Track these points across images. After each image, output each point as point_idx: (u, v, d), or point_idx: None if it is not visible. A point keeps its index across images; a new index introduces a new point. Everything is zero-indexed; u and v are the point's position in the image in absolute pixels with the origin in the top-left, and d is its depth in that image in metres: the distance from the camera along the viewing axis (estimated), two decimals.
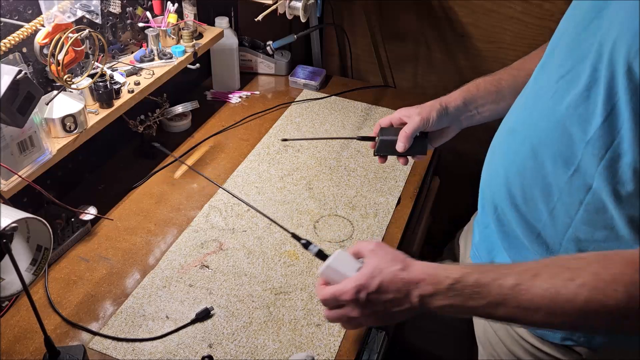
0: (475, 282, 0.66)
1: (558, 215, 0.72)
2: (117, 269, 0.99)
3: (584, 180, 0.68)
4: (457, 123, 0.94)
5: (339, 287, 0.72)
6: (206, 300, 0.93)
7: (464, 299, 0.66)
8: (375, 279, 0.70)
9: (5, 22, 0.88)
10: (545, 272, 0.63)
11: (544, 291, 0.62)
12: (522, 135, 0.76)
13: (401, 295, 0.69)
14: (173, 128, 1.35)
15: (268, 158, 1.28)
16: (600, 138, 0.64)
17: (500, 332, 0.90)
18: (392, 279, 0.70)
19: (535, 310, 0.63)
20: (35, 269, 0.78)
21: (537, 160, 0.73)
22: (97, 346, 0.86)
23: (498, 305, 0.64)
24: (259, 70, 1.61)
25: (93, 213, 1.04)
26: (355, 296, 0.70)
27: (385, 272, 0.70)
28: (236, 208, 1.13)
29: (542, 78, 0.77)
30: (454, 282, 0.67)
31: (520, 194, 0.77)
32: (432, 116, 0.91)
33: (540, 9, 1.45)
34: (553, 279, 0.63)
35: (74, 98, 0.97)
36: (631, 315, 0.60)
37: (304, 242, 0.79)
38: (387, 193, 1.19)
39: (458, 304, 0.67)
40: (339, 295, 0.71)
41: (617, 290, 0.60)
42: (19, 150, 0.87)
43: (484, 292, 0.65)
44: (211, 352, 0.85)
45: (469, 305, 0.66)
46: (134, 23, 1.19)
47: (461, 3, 1.54)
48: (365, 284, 0.70)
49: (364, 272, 0.71)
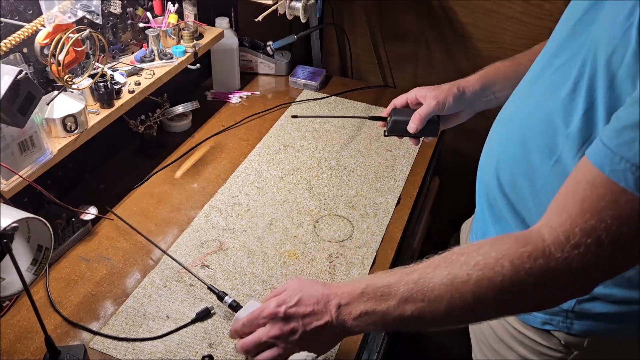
0: (384, 283, 0.67)
1: (541, 203, 0.73)
2: (117, 268, 1.00)
3: (564, 170, 0.69)
4: (472, 107, 0.94)
5: (257, 309, 0.73)
6: (206, 300, 0.94)
7: (376, 302, 0.67)
8: (295, 295, 0.72)
9: (6, 23, 0.88)
10: (444, 262, 0.65)
11: (443, 278, 0.64)
12: (516, 125, 0.77)
13: (320, 308, 0.70)
14: (173, 128, 1.35)
15: (268, 158, 1.28)
16: (579, 131, 0.66)
17: (492, 322, 0.91)
18: (311, 293, 0.71)
19: (438, 301, 0.64)
20: (36, 269, 0.78)
21: (526, 149, 0.74)
22: (97, 346, 0.86)
23: (406, 302, 0.65)
24: (259, 71, 1.61)
25: (93, 213, 1.04)
26: (275, 310, 0.71)
27: (306, 289, 0.72)
28: (236, 208, 1.13)
29: (539, 69, 0.78)
30: (365, 287, 0.69)
31: (508, 181, 0.78)
32: (448, 100, 0.91)
33: (540, 9, 1.45)
34: (451, 266, 0.64)
35: (75, 98, 0.98)
36: (521, 291, 0.62)
37: (219, 294, 0.88)
38: (387, 193, 1.19)
39: (371, 309, 0.67)
40: (259, 312, 0.73)
41: (503, 266, 0.61)
42: (20, 150, 0.87)
43: (393, 291, 0.66)
44: (211, 352, 0.85)
45: (381, 309, 0.67)
46: (134, 23, 1.19)
47: (461, 3, 1.54)
48: (285, 300, 0.72)
49: (286, 291, 0.73)
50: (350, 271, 1.00)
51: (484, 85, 0.93)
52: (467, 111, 0.95)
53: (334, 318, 0.69)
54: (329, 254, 1.03)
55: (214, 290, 0.91)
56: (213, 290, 0.91)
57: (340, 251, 1.04)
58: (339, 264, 1.02)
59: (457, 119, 0.97)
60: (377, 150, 1.32)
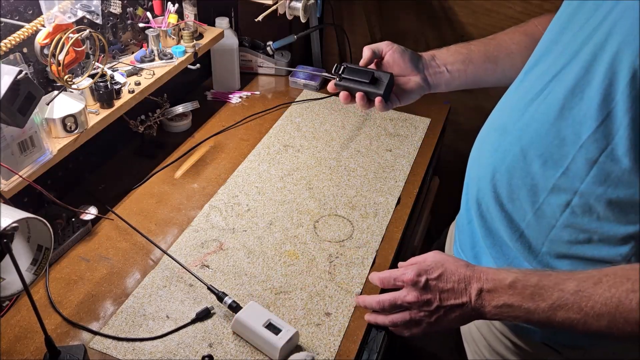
0: (537, 283, 0.66)
1: (543, 216, 0.72)
2: (117, 268, 1.00)
3: (572, 183, 0.68)
4: (425, 78, 0.93)
5: (399, 269, 0.74)
6: (206, 300, 0.94)
7: (523, 298, 0.67)
8: (438, 268, 0.72)
9: (6, 23, 0.88)
10: (607, 281, 0.64)
11: (607, 299, 0.63)
12: (513, 136, 0.76)
13: (461, 287, 0.70)
14: (173, 128, 1.35)
15: (268, 158, 1.28)
16: (595, 142, 0.64)
17: (483, 330, 0.91)
18: (454, 270, 0.72)
19: (597, 319, 0.63)
20: (36, 269, 0.78)
21: (526, 161, 0.73)
22: (97, 346, 0.86)
23: (559, 309, 0.65)
24: (259, 71, 1.61)
25: (93, 213, 1.04)
26: (415, 278, 0.72)
27: (448, 264, 0.72)
28: (236, 208, 1.13)
29: (534, 77, 0.76)
30: (515, 280, 0.68)
31: (506, 193, 0.77)
32: (400, 47, 0.92)
33: (540, 9, 1.45)
34: (614, 289, 0.63)
35: (75, 98, 0.98)
36: None
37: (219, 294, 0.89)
38: (387, 193, 1.19)
39: (516, 303, 0.67)
40: (399, 274, 0.73)
41: None
42: (20, 150, 0.87)
43: (545, 294, 0.65)
44: (211, 352, 0.86)
45: (526, 307, 0.66)
46: (134, 23, 1.19)
47: (461, 3, 1.54)
48: (427, 269, 0.72)
49: (426, 262, 0.73)
50: (350, 271, 1.00)
51: (435, 56, 0.94)
52: (420, 84, 0.93)
53: (472, 301, 0.70)
54: (329, 254, 1.03)
55: (214, 291, 0.91)
56: (213, 290, 0.91)
57: (340, 251, 1.04)
58: (339, 264, 1.02)
59: (410, 92, 0.93)
60: (377, 150, 1.32)
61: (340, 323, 0.91)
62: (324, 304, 0.94)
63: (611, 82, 0.62)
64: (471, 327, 0.94)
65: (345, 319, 0.92)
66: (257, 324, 0.84)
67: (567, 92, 0.67)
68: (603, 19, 0.65)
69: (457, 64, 0.93)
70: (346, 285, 0.98)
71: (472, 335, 0.94)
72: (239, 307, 0.88)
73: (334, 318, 0.92)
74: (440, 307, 0.71)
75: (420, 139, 1.37)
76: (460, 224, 0.93)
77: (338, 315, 0.92)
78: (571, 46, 0.69)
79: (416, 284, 0.72)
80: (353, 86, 0.93)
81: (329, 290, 0.96)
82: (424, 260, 0.74)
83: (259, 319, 0.85)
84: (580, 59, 0.66)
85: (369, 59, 0.93)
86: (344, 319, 0.92)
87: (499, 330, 0.86)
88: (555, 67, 0.70)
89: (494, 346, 0.89)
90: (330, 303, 0.94)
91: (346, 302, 0.95)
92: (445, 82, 0.94)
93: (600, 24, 0.65)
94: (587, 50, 0.65)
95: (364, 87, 0.92)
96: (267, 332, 0.83)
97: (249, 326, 0.85)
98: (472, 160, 0.87)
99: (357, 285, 0.98)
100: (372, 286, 0.98)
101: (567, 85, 0.67)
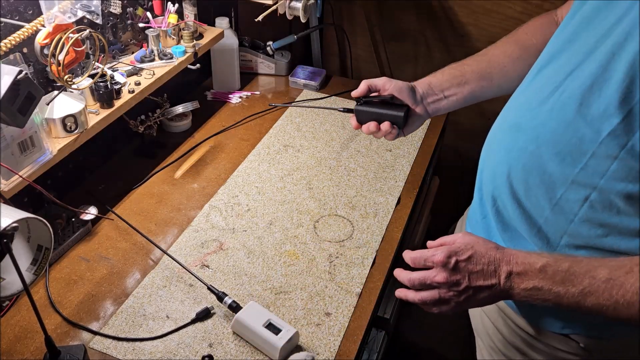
0: (566, 268, 0.67)
1: (560, 211, 0.73)
2: (117, 268, 1.00)
3: (591, 179, 0.68)
4: (425, 108, 0.95)
5: (429, 250, 0.74)
6: (206, 300, 0.94)
7: (553, 283, 0.67)
8: (468, 250, 0.72)
9: (6, 23, 0.88)
10: (637, 271, 0.64)
11: (638, 289, 0.63)
12: (529, 134, 0.76)
13: (490, 269, 0.71)
14: (173, 128, 1.35)
15: (268, 158, 1.28)
16: (615, 139, 0.65)
17: (498, 323, 0.90)
18: (484, 252, 0.72)
19: (627, 307, 0.64)
20: (36, 269, 0.78)
21: (543, 159, 0.73)
22: (97, 346, 0.86)
23: (589, 295, 0.66)
24: (259, 71, 1.61)
25: (93, 213, 1.04)
26: (445, 259, 0.72)
27: (479, 246, 0.73)
28: (236, 208, 1.13)
29: (546, 76, 0.76)
30: (545, 264, 0.68)
31: (523, 189, 0.77)
32: (399, 82, 0.93)
33: (540, 9, 1.45)
34: None
35: (75, 98, 0.98)
36: None
37: (219, 294, 0.89)
38: (387, 193, 1.19)
39: (546, 287, 0.68)
40: (430, 255, 0.73)
41: None
42: (20, 150, 0.87)
43: (576, 280, 0.66)
44: (211, 352, 0.86)
45: (556, 291, 0.67)
46: (134, 23, 1.19)
47: (461, 3, 1.54)
48: (457, 251, 0.72)
49: (456, 244, 0.73)
50: (350, 271, 1.00)
51: (432, 84, 0.95)
52: (420, 115, 0.96)
53: (502, 283, 0.70)
54: (329, 254, 1.03)
55: (214, 291, 0.91)
56: (213, 290, 0.92)
57: (340, 251, 1.04)
58: (339, 264, 1.02)
59: (412, 123, 0.97)
60: (377, 150, 1.32)
61: (340, 323, 0.91)
62: (324, 304, 0.94)
63: (632, 80, 0.62)
64: (484, 320, 0.94)
65: (345, 319, 0.92)
66: (257, 324, 0.85)
67: (584, 89, 0.67)
68: (620, 18, 0.66)
69: (453, 88, 0.95)
70: (346, 285, 0.98)
71: (486, 329, 0.94)
72: (239, 307, 0.88)
73: (334, 318, 0.92)
74: (469, 287, 0.72)
75: (420, 138, 1.37)
76: (474, 219, 0.93)
77: (338, 315, 0.92)
78: (585, 45, 0.70)
79: (446, 265, 0.73)
80: (374, 110, 0.94)
81: (329, 290, 0.97)
82: (453, 241, 0.75)
83: (259, 319, 0.85)
84: (597, 57, 0.67)
85: (363, 91, 0.96)
86: (344, 319, 0.92)
87: (514, 322, 0.87)
88: (569, 66, 0.71)
89: (510, 339, 0.89)
90: (330, 303, 0.94)
91: (346, 302, 0.95)
92: (444, 107, 0.97)
93: (617, 23, 0.66)
94: (604, 49, 0.66)
95: (385, 109, 0.94)
96: (267, 332, 0.84)
97: (249, 326, 0.85)
98: (484, 157, 0.87)
99: (357, 285, 0.98)
100: (373, 286, 0.98)
101: (583, 83, 0.68)
